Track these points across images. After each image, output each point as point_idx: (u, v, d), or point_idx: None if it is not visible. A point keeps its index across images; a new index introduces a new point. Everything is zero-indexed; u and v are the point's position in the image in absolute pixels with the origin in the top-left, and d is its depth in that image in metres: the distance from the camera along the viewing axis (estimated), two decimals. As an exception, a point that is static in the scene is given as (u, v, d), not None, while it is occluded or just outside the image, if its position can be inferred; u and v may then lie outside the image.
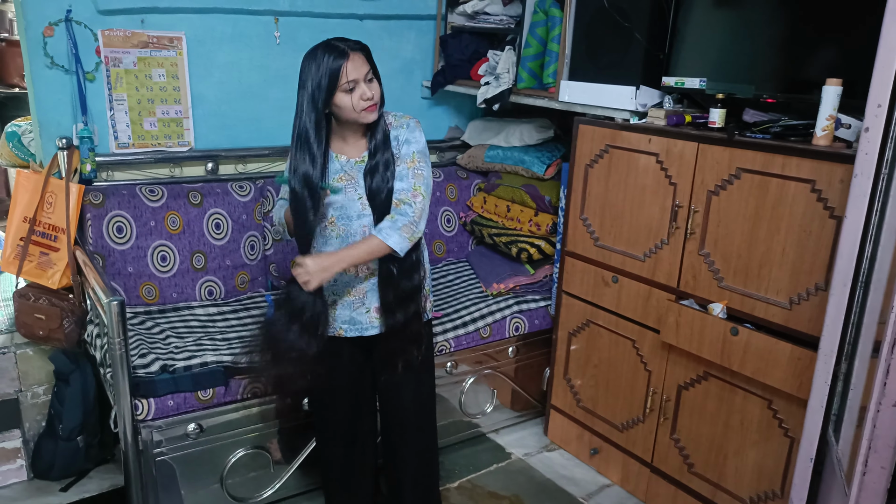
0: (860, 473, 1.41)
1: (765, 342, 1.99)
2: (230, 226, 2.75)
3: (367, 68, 1.78)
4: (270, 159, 2.99)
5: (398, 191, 1.86)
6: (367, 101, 1.78)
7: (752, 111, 2.16)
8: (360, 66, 1.77)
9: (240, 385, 2.19)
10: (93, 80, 2.56)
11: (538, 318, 2.84)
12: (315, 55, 1.76)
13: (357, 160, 1.89)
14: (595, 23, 2.48)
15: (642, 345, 2.43)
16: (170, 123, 2.74)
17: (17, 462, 2.50)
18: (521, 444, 2.86)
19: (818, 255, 1.88)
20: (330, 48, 1.76)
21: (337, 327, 1.98)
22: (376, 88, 1.81)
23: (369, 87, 1.79)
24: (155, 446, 2.09)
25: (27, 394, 2.52)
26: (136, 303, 2.57)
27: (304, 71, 1.77)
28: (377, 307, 1.95)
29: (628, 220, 2.40)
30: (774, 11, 2.14)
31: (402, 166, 1.88)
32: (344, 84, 1.75)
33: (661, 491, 2.43)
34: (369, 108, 1.80)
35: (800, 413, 1.90)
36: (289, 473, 2.36)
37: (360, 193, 1.87)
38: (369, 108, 1.80)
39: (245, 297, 2.75)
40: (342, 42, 1.77)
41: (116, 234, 2.55)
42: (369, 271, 1.93)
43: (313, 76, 1.75)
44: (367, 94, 1.78)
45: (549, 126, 3.12)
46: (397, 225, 1.83)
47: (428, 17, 3.26)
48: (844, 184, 1.75)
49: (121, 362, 1.94)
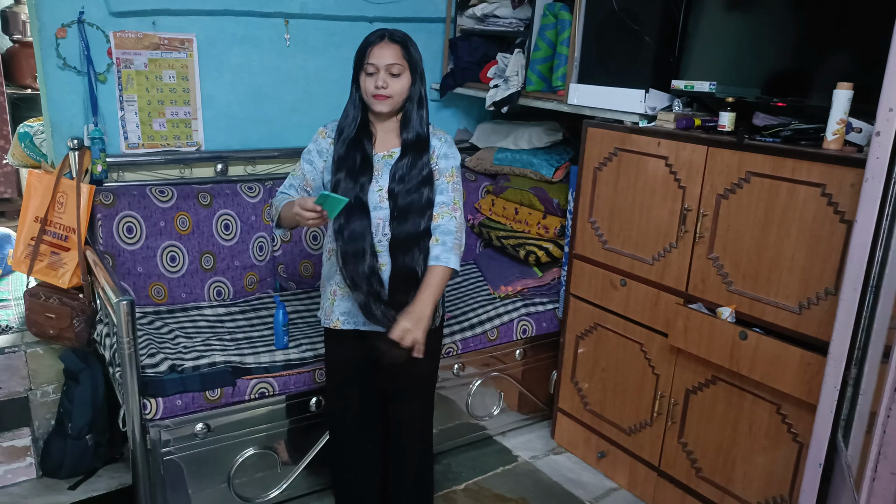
0: (869, 479, 1.41)
1: (774, 346, 1.98)
2: (239, 227, 2.77)
3: (394, 61, 1.81)
4: (280, 161, 3.00)
5: (440, 203, 1.90)
6: (377, 89, 1.82)
7: (762, 115, 2.15)
8: (386, 56, 1.81)
9: (247, 385, 2.20)
10: (104, 81, 2.58)
11: (546, 320, 2.84)
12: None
13: (384, 154, 1.92)
14: (605, 26, 2.48)
15: (650, 348, 2.42)
16: (178, 124, 2.76)
17: (27, 460, 2.52)
18: (527, 447, 2.85)
19: (828, 260, 1.87)
20: (373, 31, 1.85)
21: (334, 318, 1.98)
22: (397, 84, 1.83)
23: (388, 79, 1.82)
24: (163, 445, 2.10)
25: (37, 392, 2.53)
26: (145, 303, 2.58)
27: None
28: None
29: (637, 223, 2.40)
30: (785, 15, 2.13)
31: (441, 180, 1.92)
32: (367, 65, 1.82)
33: (668, 495, 2.42)
34: (378, 97, 1.84)
35: (809, 418, 1.89)
36: (296, 474, 2.36)
37: (381, 186, 1.89)
38: (378, 97, 1.84)
39: (253, 298, 2.76)
40: (386, 30, 1.85)
41: (126, 234, 2.56)
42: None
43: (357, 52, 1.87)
44: (380, 82, 1.81)
45: (558, 129, 3.12)
46: (449, 246, 1.86)
47: (437, 20, 3.27)
48: (855, 188, 1.74)
49: (130, 362, 1.96)
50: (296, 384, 2.28)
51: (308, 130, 3.00)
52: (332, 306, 1.99)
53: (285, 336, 2.34)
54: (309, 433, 2.36)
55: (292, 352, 2.32)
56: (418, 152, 1.89)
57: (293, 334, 2.44)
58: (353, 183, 1.86)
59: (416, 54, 1.87)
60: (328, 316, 2.00)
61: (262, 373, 2.24)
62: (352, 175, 1.87)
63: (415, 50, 1.88)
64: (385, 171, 1.90)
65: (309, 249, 2.91)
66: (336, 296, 1.97)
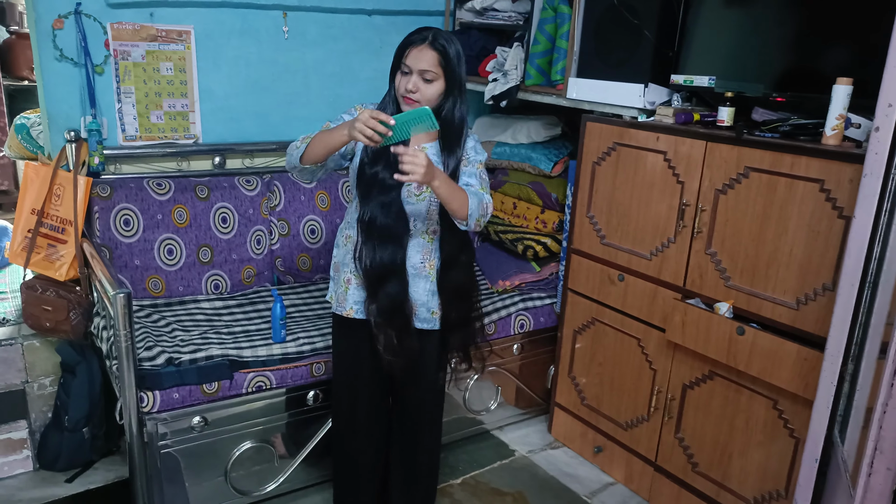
0: (865, 475, 1.41)
1: (771, 342, 1.98)
2: (237, 220, 2.76)
3: (428, 67, 1.78)
4: (278, 154, 2.99)
5: (467, 183, 1.88)
6: (407, 91, 1.80)
7: (761, 110, 2.15)
8: (421, 60, 1.78)
9: (245, 379, 2.20)
10: (101, 73, 2.57)
11: (543, 315, 2.84)
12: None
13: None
14: (604, 20, 2.48)
15: (647, 343, 2.42)
16: (176, 117, 2.75)
17: (24, 453, 2.52)
18: (524, 441, 2.86)
19: (826, 256, 1.87)
20: (418, 31, 1.81)
21: (348, 306, 1.97)
22: (428, 89, 1.80)
23: (420, 84, 1.79)
24: (160, 439, 2.10)
25: (34, 385, 2.53)
26: (142, 296, 2.57)
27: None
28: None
29: (635, 218, 2.39)
30: (784, 10, 2.12)
31: (470, 167, 1.91)
32: (403, 65, 1.81)
33: (664, 490, 2.43)
34: (406, 100, 1.82)
35: (805, 413, 1.89)
36: (293, 467, 2.36)
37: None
38: (406, 100, 1.82)
39: (251, 292, 2.76)
40: (429, 31, 1.80)
41: (124, 226, 2.55)
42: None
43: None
44: (410, 85, 1.79)
45: (557, 123, 3.11)
46: (483, 199, 1.83)
47: (436, 13, 3.26)
48: (853, 184, 1.74)
49: (127, 355, 1.95)
50: (293, 378, 2.28)
51: (306, 123, 3.02)
52: (346, 294, 1.97)
53: (283, 330, 2.34)
54: (306, 427, 2.36)
55: (290, 345, 2.32)
56: (455, 147, 1.88)
57: (290, 328, 2.44)
58: (389, 175, 1.80)
59: (456, 64, 1.80)
60: (340, 303, 1.99)
61: (259, 366, 2.24)
62: (388, 168, 1.81)
63: (457, 59, 1.81)
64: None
65: (307, 243, 2.90)
66: (350, 284, 1.97)
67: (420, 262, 1.94)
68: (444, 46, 1.79)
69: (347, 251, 1.96)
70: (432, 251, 1.95)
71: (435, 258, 1.96)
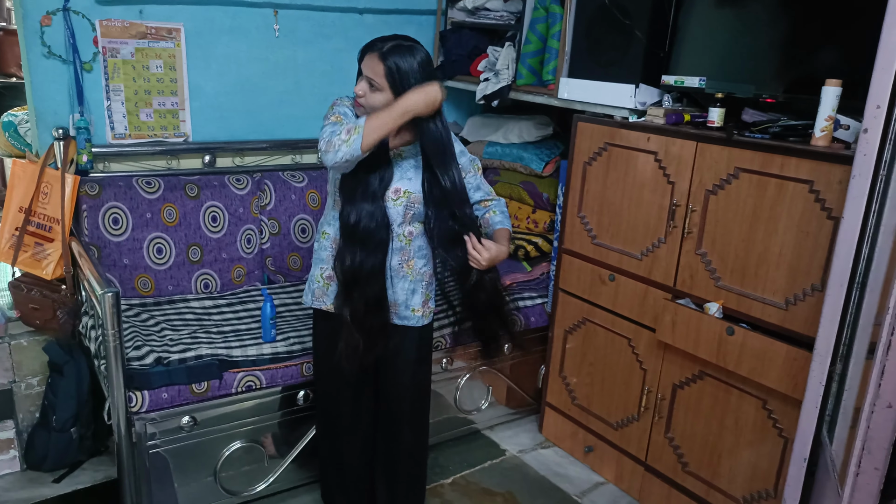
0: (853, 474, 1.42)
1: (760, 342, 1.99)
2: (227, 219, 2.75)
3: (374, 76, 1.80)
4: (268, 153, 2.98)
5: (485, 194, 2.08)
6: (356, 94, 1.86)
7: (751, 111, 2.16)
8: (369, 68, 1.82)
9: (234, 378, 2.19)
10: (90, 70, 2.55)
11: (534, 315, 2.84)
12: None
13: (394, 154, 1.94)
14: (595, 20, 2.48)
15: (638, 343, 2.43)
16: (165, 115, 2.73)
17: (10, 453, 2.50)
18: (515, 441, 2.86)
19: (815, 256, 1.88)
20: (377, 39, 1.85)
21: (328, 302, 1.99)
22: (374, 97, 1.82)
23: (367, 90, 1.83)
24: (148, 438, 2.09)
25: (21, 384, 2.51)
26: (131, 295, 2.56)
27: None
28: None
29: (626, 218, 2.40)
30: (775, 11, 2.13)
31: (472, 173, 2.04)
32: (360, 67, 1.87)
33: (654, 489, 2.44)
34: (355, 102, 1.89)
35: (794, 413, 1.90)
36: (283, 467, 2.36)
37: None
38: (355, 102, 1.89)
39: (241, 291, 2.74)
40: (387, 43, 1.81)
41: (112, 225, 2.54)
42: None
43: None
44: (358, 89, 1.85)
45: (548, 123, 3.12)
46: (506, 214, 2.11)
47: (428, 13, 3.25)
48: (842, 185, 1.75)
49: (115, 354, 1.94)
50: (283, 377, 2.27)
51: (297, 122, 3.01)
52: (326, 290, 1.99)
53: (273, 329, 2.33)
54: (296, 427, 2.35)
55: (280, 345, 2.31)
56: (444, 148, 1.92)
57: (281, 327, 2.43)
58: (378, 181, 1.88)
59: (404, 80, 1.78)
60: (318, 298, 2.00)
61: (249, 366, 2.23)
62: (376, 173, 1.87)
63: (409, 75, 1.78)
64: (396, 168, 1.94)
65: (297, 242, 2.89)
66: (332, 281, 1.97)
67: (398, 264, 1.96)
68: (395, 63, 1.78)
69: (325, 247, 1.98)
70: (411, 252, 1.96)
71: (413, 259, 1.97)
